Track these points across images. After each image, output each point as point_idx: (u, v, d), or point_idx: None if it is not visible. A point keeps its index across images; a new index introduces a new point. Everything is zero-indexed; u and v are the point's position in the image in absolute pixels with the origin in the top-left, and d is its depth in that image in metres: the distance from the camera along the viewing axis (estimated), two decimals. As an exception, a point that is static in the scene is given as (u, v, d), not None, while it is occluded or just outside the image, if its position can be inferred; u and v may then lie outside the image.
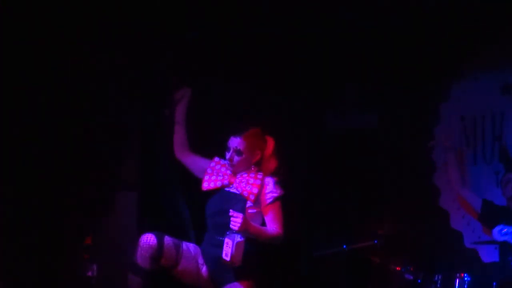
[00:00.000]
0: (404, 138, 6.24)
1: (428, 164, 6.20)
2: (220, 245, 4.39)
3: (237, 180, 4.56)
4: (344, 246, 5.28)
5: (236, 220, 4.26)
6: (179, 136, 4.80)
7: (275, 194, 4.51)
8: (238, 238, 4.27)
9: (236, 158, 4.55)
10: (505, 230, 4.78)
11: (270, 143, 4.65)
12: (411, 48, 6.14)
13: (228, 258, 4.27)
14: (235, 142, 4.57)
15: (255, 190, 4.49)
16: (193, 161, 4.79)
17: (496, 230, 4.82)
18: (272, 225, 4.47)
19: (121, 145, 5.13)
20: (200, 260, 4.51)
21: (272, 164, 4.61)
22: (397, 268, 5.25)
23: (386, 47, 6.19)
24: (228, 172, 4.60)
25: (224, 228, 4.39)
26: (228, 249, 4.27)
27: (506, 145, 5.91)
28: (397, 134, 6.27)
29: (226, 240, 4.29)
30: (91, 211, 5.03)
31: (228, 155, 4.58)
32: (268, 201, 4.50)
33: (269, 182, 4.54)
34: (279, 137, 4.69)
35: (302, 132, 6.10)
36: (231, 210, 4.30)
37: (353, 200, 6.23)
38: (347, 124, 6.43)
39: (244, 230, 4.26)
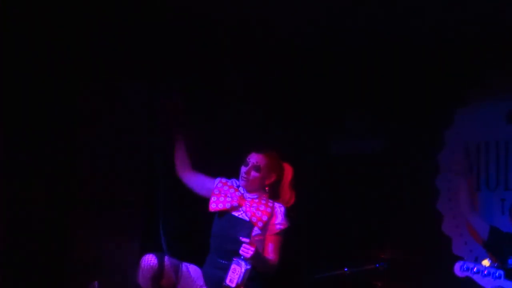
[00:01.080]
0: (407, 163, 6.25)
1: (431, 189, 6.22)
2: (222, 268, 4.38)
3: (247, 204, 4.53)
4: (346, 269, 5.27)
5: (249, 248, 4.23)
6: (179, 154, 4.76)
7: (282, 227, 4.51)
8: (246, 265, 4.24)
9: (253, 173, 4.53)
10: (466, 266, 4.79)
11: (289, 172, 4.65)
12: (417, 74, 6.18)
13: (233, 285, 4.22)
14: (256, 157, 4.55)
15: (264, 218, 4.48)
16: (194, 180, 4.74)
17: (457, 266, 4.83)
18: (271, 255, 4.47)
19: (126, 164, 5.19)
20: (200, 282, 4.48)
21: (290, 193, 4.62)
22: (398, 292, 5.26)
23: (391, 73, 6.23)
24: (237, 194, 4.58)
25: (227, 253, 4.39)
26: (234, 276, 4.23)
27: None
28: (400, 159, 6.28)
29: (234, 266, 4.25)
30: (94, 230, 5.07)
31: (245, 169, 4.54)
32: (275, 231, 4.50)
33: (279, 213, 4.53)
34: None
35: (306, 156, 6.12)
36: (243, 238, 4.27)
37: (356, 224, 6.24)
38: (351, 149, 6.45)
39: (253, 259, 4.25)
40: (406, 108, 6.24)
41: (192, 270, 4.51)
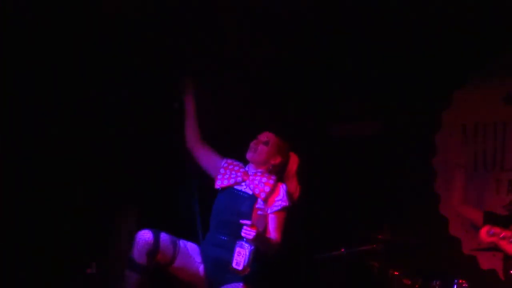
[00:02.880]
0: (404, 144, 6.26)
1: (428, 171, 6.23)
2: (221, 245, 4.44)
3: (250, 178, 4.61)
4: (343, 250, 5.29)
5: (250, 230, 4.25)
6: (189, 126, 4.82)
7: (284, 203, 4.56)
8: (249, 247, 4.25)
9: (262, 146, 4.66)
10: (492, 230, 4.79)
11: (295, 161, 4.76)
12: (416, 55, 6.17)
13: (240, 268, 4.24)
14: (267, 134, 4.71)
15: (267, 189, 4.54)
16: (204, 154, 4.79)
17: (483, 231, 4.82)
18: (273, 234, 4.51)
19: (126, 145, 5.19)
20: (198, 259, 4.51)
21: (295, 184, 4.72)
22: (396, 273, 5.26)
23: (390, 55, 6.22)
24: (242, 170, 4.67)
25: (228, 228, 4.44)
26: (240, 259, 4.24)
27: None
28: (397, 140, 6.29)
29: (238, 249, 4.27)
30: (93, 211, 5.07)
31: (254, 142, 4.68)
32: (276, 208, 4.55)
33: (282, 190, 4.59)
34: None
35: (304, 138, 6.12)
36: (243, 221, 4.29)
37: (354, 205, 6.26)
38: (348, 130, 6.47)
39: (256, 239, 4.27)
40: (404, 89, 6.24)
41: (190, 247, 4.54)
